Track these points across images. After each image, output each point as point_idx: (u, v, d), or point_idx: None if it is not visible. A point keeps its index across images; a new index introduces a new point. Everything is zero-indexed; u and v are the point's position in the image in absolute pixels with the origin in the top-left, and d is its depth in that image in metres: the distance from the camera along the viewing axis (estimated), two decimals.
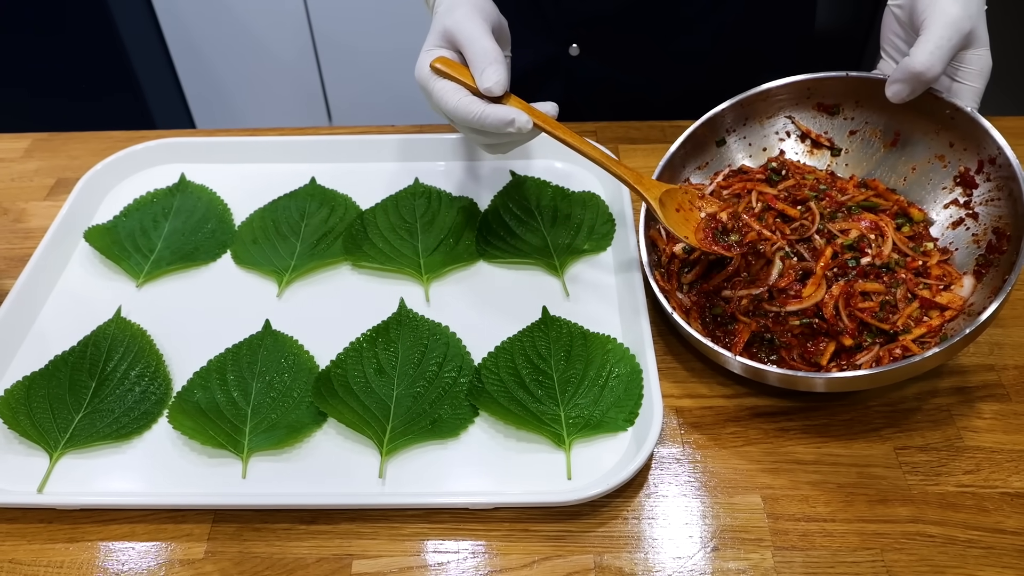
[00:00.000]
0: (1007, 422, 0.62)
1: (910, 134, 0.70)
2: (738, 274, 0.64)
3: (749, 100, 0.72)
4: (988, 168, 0.65)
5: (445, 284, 0.73)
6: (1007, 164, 0.62)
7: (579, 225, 0.77)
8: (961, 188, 0.67)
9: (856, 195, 0.69)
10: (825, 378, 0.58)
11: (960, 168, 0.67)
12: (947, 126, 0.67)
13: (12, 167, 0.87)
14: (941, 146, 0.68)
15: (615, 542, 0.55)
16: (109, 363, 0.65)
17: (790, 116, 0.74)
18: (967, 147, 0.66)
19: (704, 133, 0.72)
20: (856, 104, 0.71)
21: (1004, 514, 0.56)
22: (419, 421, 0.61)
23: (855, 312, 0.60)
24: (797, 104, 0.73)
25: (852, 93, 0.71)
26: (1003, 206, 0.64)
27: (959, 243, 0.66)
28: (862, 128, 0.72)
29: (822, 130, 0.74)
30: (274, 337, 0.67)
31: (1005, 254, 0.62)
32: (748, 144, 0.74)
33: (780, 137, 0.74)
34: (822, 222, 0.64)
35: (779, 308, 0.61)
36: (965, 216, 0.66)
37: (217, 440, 0.59)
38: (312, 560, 0.54)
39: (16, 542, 0.56)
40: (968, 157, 0.66)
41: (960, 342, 0.55)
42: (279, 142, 0.85)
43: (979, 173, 0.66)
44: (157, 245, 0.76)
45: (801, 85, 0.71)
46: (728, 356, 0.60)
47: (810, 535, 0.55)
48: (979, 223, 0.66)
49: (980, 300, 0.61)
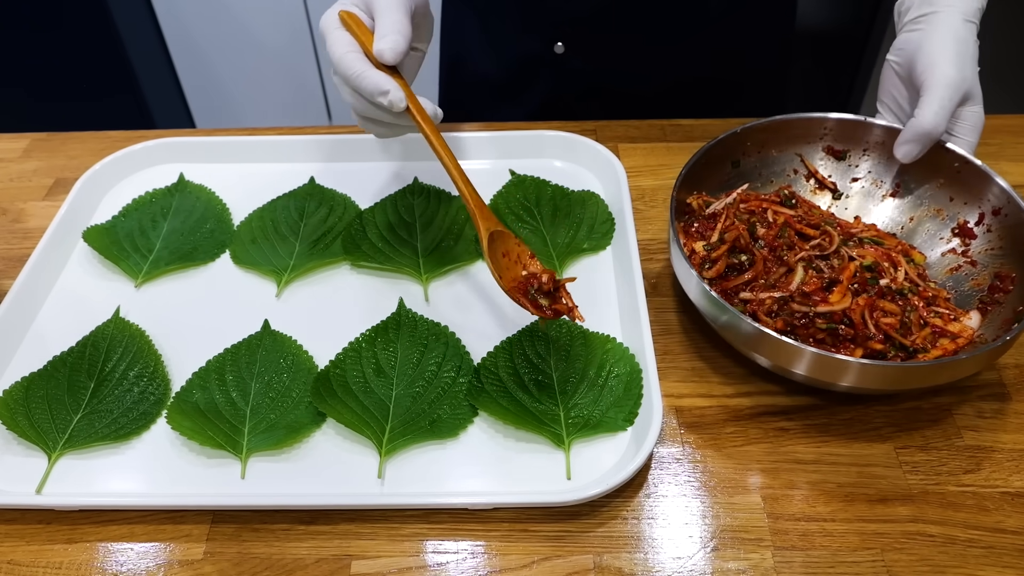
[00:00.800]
0: (1007, 421, 0.61)
1: (911, 186, 0.73)
2: (756, 280, 0.64)
3: (772, 127, 0.73)
4: (989, 220, 0.67)
5: (444, 283, 0.73)
6: (1016, 212, 0.65)
7: (578, 224, 0.76)
8: (959, 239, 0.69)
9: (864, 229, 0.70)
10: (875, 365, 0.55)
11: (959, 220, 0.69)
12: (952, 179, 0.69)
13: (11, 167, 0.87)
14: (942, 200, 0.71)
15: (615, 542, 0.55)
16: (108, 363, 0.65)
17: (799, 154, 0.75)
18: (967, 201, 0.69)
19: (722, 152, 0.72)
20: (863, 152, 0.74)
21: (1005, 513, 0.56)
22: (418, 421, 0.61)
23: (880, 323, 0.61)
24: (809, 143, 0.75)
25: (862, 140, 0.73)
26: (1005, 253, 0.66)
27: (958, 287, 0.67)
28: (864, 176, 0.74)
29: (827, 173, 0.75)
30: (273, 337, 0.67)
31: (1011, 293, 0.63)
32: (759, 172, 0.75)
33: (787, 173, 0.75)
34: (840, 244, 0.65)
35: (809, 308, 0.61)
36: (964, 263, 0.68)
37: (216, 440, 0.59)
38: (311, 561, 0.54)
39: (15, 543, 0.56)
40: (968, 210, 0.69)
41: (1002, 347, 0.56)
42: (278, 141, 0.85)
43: (979, 225, 0.68)
44: (156, 245, 0.76)
45: (818, 123, 0.74)
46: (763, 330, 0.57)
47: (810, 535, 0.55)
48: (978, 269, 0.67)
49: (990, 332, 0.62)
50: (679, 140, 0.87)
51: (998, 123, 0.89)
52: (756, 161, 0.74)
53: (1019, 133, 0.88)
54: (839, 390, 0.60)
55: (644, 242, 0.76)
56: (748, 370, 0.65)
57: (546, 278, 0.60)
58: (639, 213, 0.79)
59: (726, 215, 0.69)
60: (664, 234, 0.77)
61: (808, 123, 0.74)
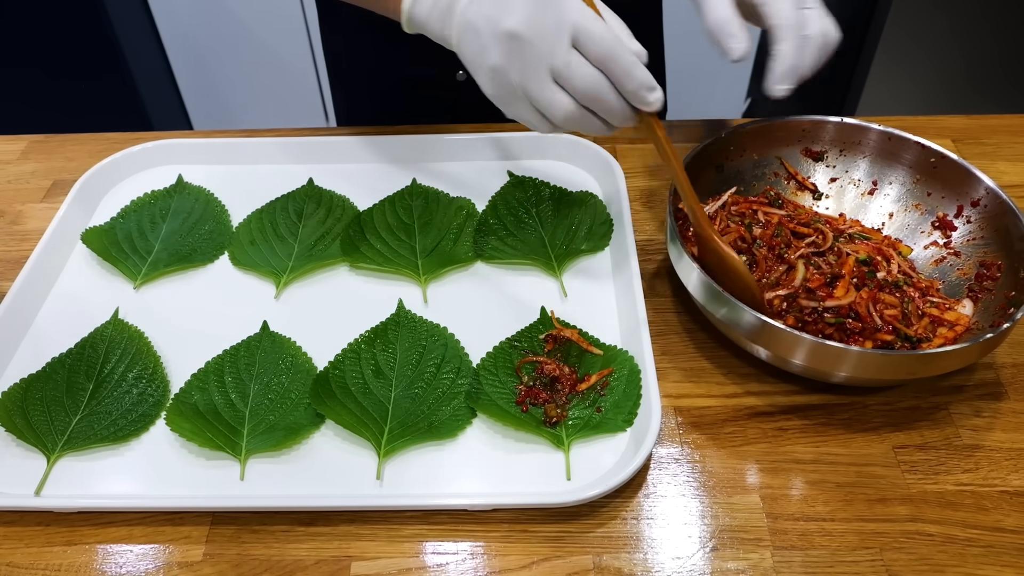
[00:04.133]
0: (1006, 420, 0.62)
1: (889, 184, 0.74)
2: (760, 280, 0.65)
3: (753, 131, 0.74)
4: (969, 211, 0.68)
5: (443, 285, 0.73)
6: (995, 203, 0.66)
7: (577, 225, 0.77)
8: (940, 232, 0.70)
9: (851, 225, 0.71)
10: (889, 355, 0.55)
11: (938, 214, 0.71)
12: (929, 174, 0.71)
13: (8, 169, 0.87)
14: (919, 195, 0.72)
15: (614, 543, 0.55)
16: (106, 365, 0.65)
17: (779, 157, 0.76)
18: (945, 195, 0.70)
19: (706, 157, 0.72)
20: (840, 153, 0.75)
21: (1003, 512, 0.56)
22: (417, 423, 0.61)
23: (884, 315, 0.61)
24: (788, 145, 0.76)
25: (839, 141, 0.74)
26: (988, 242, 0.66)
27: (945, 277, 0.68)
28: (842, 177, 0.75)
29: (807, 174, 0.76)
30: (272, 338, 0.67)
31: (999, 280, 0.64)
32: (743, 176, 0.75)
33: (769, 176, 0.76)
34: (834, 240, 0.66)
35: (818, 303, 0.61)
36: (947, 255, 0.69)
37: (215, 442, 0.59)
38: (311, 562, 0.54)
39: (14, 545, 0.56)
40: (946, 204, 0.70)
41: (1005, 331, 0.56)
42: (276, 143, 0.85)
43: (958, 217, 0.69)
44: (154, 247, 0.76)
45: (796, 126, 0.74)
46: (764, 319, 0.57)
47: (809, 534, 0.55)
48: (962, 259, 0.68)
49: (985, 319, 0.62)
50: (676, 142, 0.87)
51: (995, 123, 0.89)
52: (739, 165, 0.75)
53: (1016, 133, 0.88)
54: (841, 382, 0.60)
55: (642, 243, 0.76)
56: (747, 370, 0.65)
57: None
58: (636, 214, 0.79)
59: (719, 218, 0.69)
60: (662, 235, 0.77)
61: (786, 126, 0.75)
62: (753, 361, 0.65)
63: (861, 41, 1.77)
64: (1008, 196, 0.65)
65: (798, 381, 0.64)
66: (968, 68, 1.70)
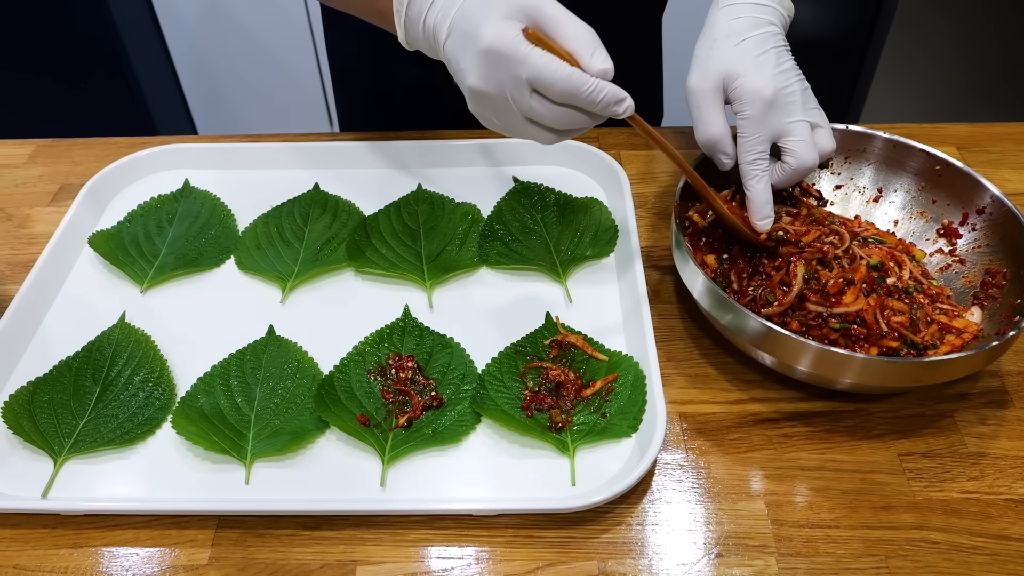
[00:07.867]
0: (1011, 428, 0.62)
1: (893, 191, 0.74)
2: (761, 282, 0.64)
3: None
4: (974, 219, 0.69)
5: (448, 290, 0.73)
6: (1001, 211, 0.66)
7: (582, 231, 0.77)
8: (945, 239, 0.71)
9: (868, 227, 0.71)
10: (894, 362, 0.56)
11: (944, 221, 0.71)
12: (934, 182, 0.71)
13: (16, 173, 0.87)
14: (924, 203, 0.72)
15: (619, 548, 0.55)
16: (113, 368, 0.65)
17: None
18: (950, 202, 0.70)
19: (711, 163, 0.71)
20: (845, 160, 0.75)
21: (1008, 520, 0.56)
22: (421, 428, 0.61)
23: (891, 322, 0.61)
24: None
25: (844, 148, 0.74)
26: (993, 249, 0.67)
27: (950, 285, 0.68)
28: (847, 184, 0.76)
29: (811, 180, 0.76)
30: (277, 343, 0.67)
31: (1004, 287, 0.64)
32: None
33: None
34: (851, 243, 0.65)
35: (826, 308, 0.61)
36: (952, 262, 0.69)
37: (221, 446, 0.59)
38: (316, 566, 0.54)
39: (20, 547, 0.56)
40: (951, 211, 0.70)
41: (1011, 338, 0.56)
42: (283, 148, 0.85)
43: (963, 224, 0.69)
44: (161, 251, 0.76)
45: None
46: (769, 325, 0.57)
47: (814, 541, 0.55)
48: (967, 267, 0.68)
49: (991, 327, 0.62)
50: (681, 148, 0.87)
51: (1000, 131, 0.90)
52: None
53: (1021, 141, 0.88)
54: (846, 388, 0.60)
55: (646, 249, 0.76)
56: (752, 376, 0.65)
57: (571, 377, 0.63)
58: (641, 220, 0.79)
59: None
60: (666, 241, 0.77)
61: None
62: (758, 367, 0.65)
63: (865, 49, 1.77)
64: (1013, 204, 0.65)
65: (803, 388, 0.64)
66: (972, 77, 1.71)
